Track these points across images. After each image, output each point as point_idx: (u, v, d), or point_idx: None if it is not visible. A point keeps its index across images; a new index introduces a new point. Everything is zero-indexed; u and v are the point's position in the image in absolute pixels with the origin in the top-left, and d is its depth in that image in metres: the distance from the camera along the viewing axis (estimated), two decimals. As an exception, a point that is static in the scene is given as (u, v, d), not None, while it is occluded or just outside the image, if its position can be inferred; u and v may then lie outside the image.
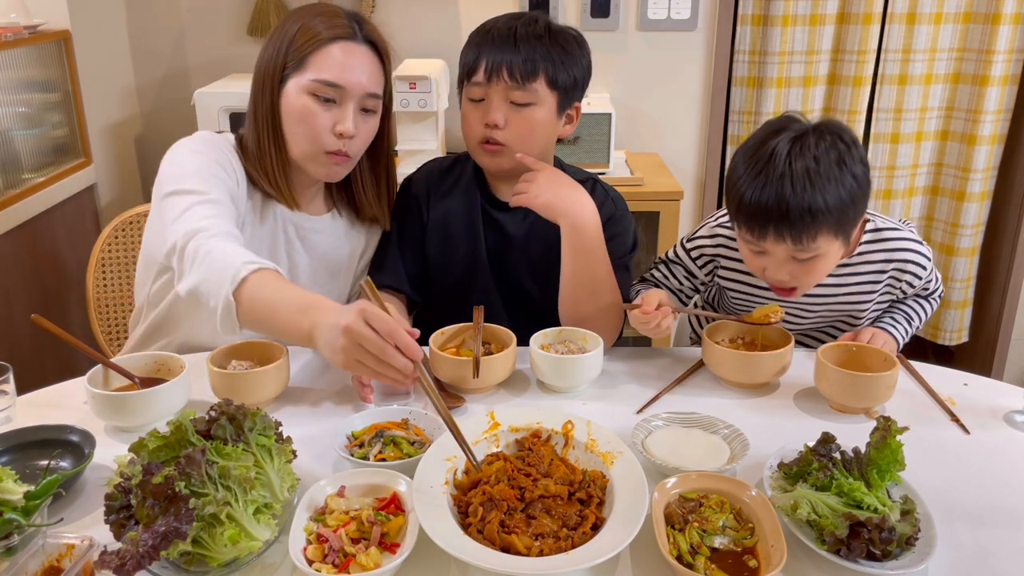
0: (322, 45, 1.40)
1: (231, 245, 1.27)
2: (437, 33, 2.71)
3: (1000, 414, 1.33)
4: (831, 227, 1.33)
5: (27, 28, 2.24)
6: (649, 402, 1.36)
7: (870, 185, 1.37)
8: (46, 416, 1.25)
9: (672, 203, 2.45)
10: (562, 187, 1.49)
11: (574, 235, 1.48)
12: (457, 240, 1.62)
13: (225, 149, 1.45)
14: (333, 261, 1.61)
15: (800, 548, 0.99)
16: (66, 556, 0.91)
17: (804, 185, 1.30)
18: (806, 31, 2.70)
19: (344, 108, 1.42)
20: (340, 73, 1.40)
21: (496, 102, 1.48)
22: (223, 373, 1.29)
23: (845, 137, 1.35)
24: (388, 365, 1.08)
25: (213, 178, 1.38)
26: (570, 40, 1.51)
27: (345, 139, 1.43)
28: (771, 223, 1.33)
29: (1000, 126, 2.79)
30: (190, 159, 1.40)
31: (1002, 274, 2.96)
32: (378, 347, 1.06)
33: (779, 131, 1.36)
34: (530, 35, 1.46)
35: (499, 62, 1.45)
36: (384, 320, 1.06)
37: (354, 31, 1.43)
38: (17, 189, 2.19)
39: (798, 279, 1.41)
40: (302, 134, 1.42)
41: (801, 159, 1.31)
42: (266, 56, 1.43)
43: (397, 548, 0.96)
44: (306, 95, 1.40)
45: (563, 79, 1.49)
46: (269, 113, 1.43)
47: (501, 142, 1.50)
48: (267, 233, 1.52)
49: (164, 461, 0.98)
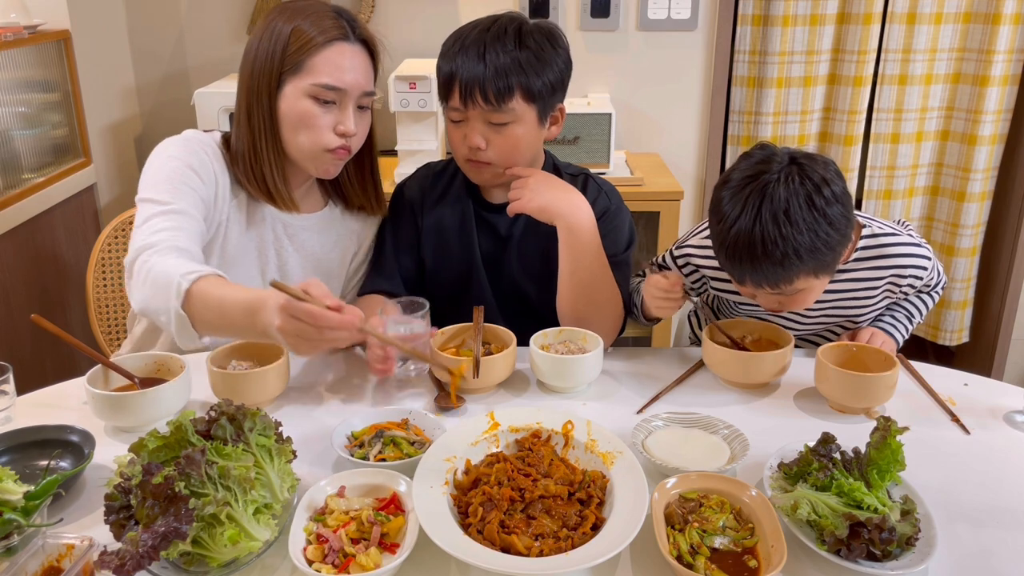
0: (319, 48, 1.40)
1: (172, 259, 1.27)
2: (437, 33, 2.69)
3: (1000, 414, 1.32)
4: (808, 271, 1.30)
5: (27, 28, 2.24)
6: (649, 402, 1.36)
7: (850, 222, 1.31)
8: (46, 416, 1.25)
9: (672, 203, 2.45)
10: (555, 189, 1.49)
11: (570, 236, 1.48)
12: (452, 243, 1.62)
13: (206, 151, 1.45)
14: (324, 260, 1.61)
15: (800, 548, 0.99)
16: (66, 556, 0.91)
17: (775, 238, 1.25)
18: (806, 31, 2.70)
19: (344, 108, 1.43)
20: (339, 76, 1.41)
21: (474, 124, 1.47)
22: (223, 373, 1.29)
23: (815, 177, 1.27)
24: (332, 340, 1.12)
25: (183, 186, 1.39)
26: (542, 41, 1.47)
27: (348, 136, 1.44)
28: (746, 274, 1.32)
29: (1000, 126, 2.79)
30: (164, 164, 1.42)
31: (1002, 274, 2.96)
32: (314, 334, 1.10)
33: (754, 176, 1.30)
34: (499, 50, 1.43)
35: (471, 85, 1.43)
36: (306, 311, 1.08)
37: (347, 32, 1.43)
38: (17, 189, 2.19)
39: (786, 305, 1.40)
40: (304, 135, 1.43)
41: (769, 205, 1.26)
42: (259, 59, 1.42)
43: (397, 548, 0.96)
44: (306, 98, 1.41)
45: (539, 88, 1.46)
46: (267, 117, 1.43)
47: (485, 160, 1.50)
48: (256, 233, 1.53)
49: (164, 461, 0.98)
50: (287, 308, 1.09)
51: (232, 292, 1.22)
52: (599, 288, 1.51)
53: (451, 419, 1.29)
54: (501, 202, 1.60)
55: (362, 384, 1.42)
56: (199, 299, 1.22)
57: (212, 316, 1.22)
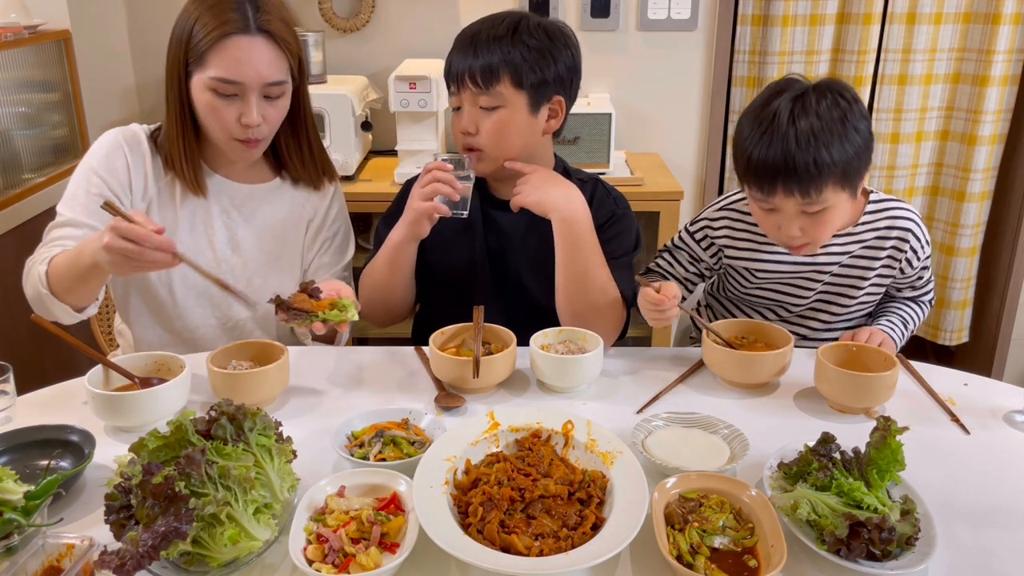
0: (216, 41, 1.42)
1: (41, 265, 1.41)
2: (437, 33, 2.71)
3: (1000, 414, 1.33)
4: (837, 179, 1.37)
5: (27, 28, 2.24)
6: (649, 402, 1.36)
7: (873, 139, 1.42)
8: (46, 416, 1.26)
9: (672, 203, 2.45)
10: (550, 183, 1.53)
11: (564, 227, 1.51)
12: (457, 240, 1.63)
13: (121, 147, 1.53)
14: (278, 228, 1.64)
15: (800, 548, 0.99)
16: (66, 556, 0.91)
17: (809, 140, 1.35)
18: (806, 31, 2.70)
19: (246, 100, 1.45)
20: (237, 69, 1.43)
21: (467, 108, 1.53)
22: (223, 373, 1.29)
23: (847, 95, 1.40)
24: (151, 261, 1.25)
25: (83, 195, 1.49)
26: (540, 35, 1.50)
27: (252, 128, 1.47)
28: (779, 179, 1.37)
29: (1000, 126, 2.78)
30: (76, 174, 1.53)
31: (1002, 274, 2.96)
32: (137, 252, 1.22)
33: (781, 92, 1.41)
34: (490, 38, 1.48)
35: (462, 69, 1.50)
36: (133, 231, 1.21)
37: (246, 23, 1.43)
38: (17, 189, 2.19)
39: (809, 234, 1.44)
40: (211, 126, 1.48)
41: (804, 117, 1.36)
42: (171, 49, 1.47)
43: (397, 548, 0.96)
44: (208, 91, 1.45)
45: (530, 78, 1.49)
46: (179, 105, 1.49)
47: (477, 147, 1.54)
48: (198, 206, 1.57)
49: (164, 461, 0.98)
50: (116, 227, 1.22)
51: (73, 248, 1.37)
52: (593, 282, 1.52)
53: (451, 419, 1.29)
54: (507, 198, 1.60)
55: (362, 384, 1.43)
56: (54, 271, 1.38)
57: (66, 275, 1.36)
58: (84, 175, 1.52)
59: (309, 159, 1.64)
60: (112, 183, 1.51)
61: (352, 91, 2.40)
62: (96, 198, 1.47)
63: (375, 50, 2.74)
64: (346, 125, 2.37)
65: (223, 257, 1.59)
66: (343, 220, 1.74)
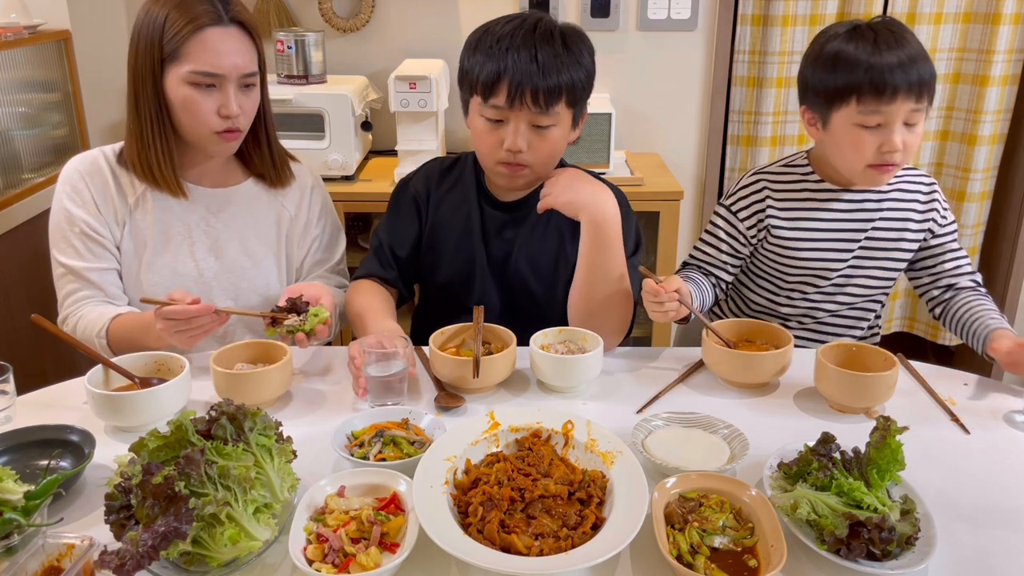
0: (191, 35, 1.43)
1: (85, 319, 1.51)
2: (437, 33, 2.71)
3: (1000, 414, 1.33)
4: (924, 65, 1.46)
5: (27, 28, 2.24)
6: (649, 402, 1.36)
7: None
8: (46, 416, 1.26)
9: (672, 203, 2.45)
10: (582, 183, 1.50)
11: (593, 229, 1.48)
12: (457, 240, 1.62)
13: (83, 179, 1.53)
14: (259, 228, 1.64)
15: (800, 548, 0.99)
16: (66, 556, 0.91)
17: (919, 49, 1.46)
18: (806, 31, 2.70)
19: (225, 91, 1.47)
20: (215, 60, 1.44)
21: (518, 126, 1.46)
22: (228, 373, 1.29)
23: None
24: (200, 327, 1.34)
25: (73, 238, 1.52)
26: (577, 43, 1.47)
27: (232, 118, 1.48)
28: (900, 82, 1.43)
29: (1000, 126, 2.78)
30: (53, 218, 1.55)
31: (1002, 274, 2.96)
32: (185, 325, 1.33)
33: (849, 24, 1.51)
34: (549, 54, 1.41)
35: (523, 86, 1.41)
36: (172, 310, 1.31)
37: (219, 15, 1.45)
38: (17, 189, 2.20)
39: (907, 143, 1.49)
40: (191, 120, 1.48)
41: (901, 31, 1.48)
42: (140, 48, 1.47)
43: (397, 548, 0.96)
44: (186, 85, 1.45)
45: (578, 92, 1.47)
46: (154, 104, 1.48)
47: (524, 164, 1.50)
48: (175, 216, 1.56)
49: (164, 461, 0.98)
50: (160, 313, 1.32)
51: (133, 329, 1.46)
52: (613, 285, 1.51)
53: (451, 419, 1.29)
54: (509, 200, 1.60)
55: (362, 384, 1.43)
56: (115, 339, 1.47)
57: (129, 347, 1.43)
58: (64, 216, 1.52)
59: (268, 155, 1.63)
60: (91, 220, 1.52)
61: (352, 91, 2.40)
62: (83, 237, 1.51)
63: (375, 50, 2.74)
64: (346, 125, 2.37)
65: (205, 266, 1.58)
66: (328, 215, 1.73)
